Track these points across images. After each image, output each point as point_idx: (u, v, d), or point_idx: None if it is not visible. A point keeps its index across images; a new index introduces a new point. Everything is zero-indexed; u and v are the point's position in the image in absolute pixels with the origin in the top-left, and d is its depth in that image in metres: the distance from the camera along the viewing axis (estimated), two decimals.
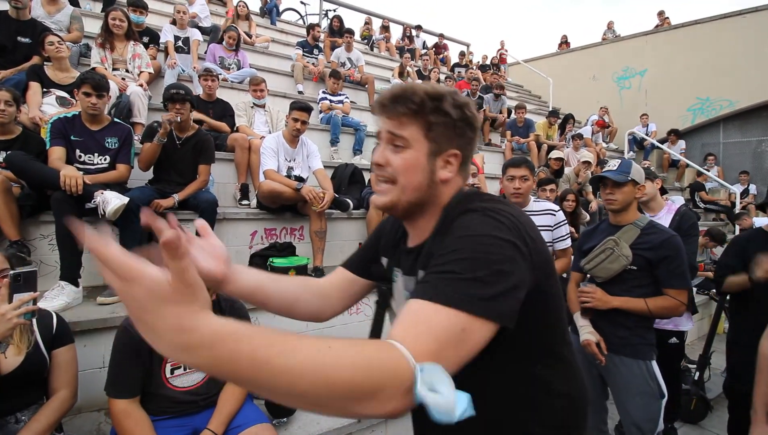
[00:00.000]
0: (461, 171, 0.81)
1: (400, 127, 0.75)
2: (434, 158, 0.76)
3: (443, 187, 0.78)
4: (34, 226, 2.45)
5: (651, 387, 1.80)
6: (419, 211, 0.80)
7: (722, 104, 8.37)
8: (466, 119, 0.77)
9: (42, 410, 1.50)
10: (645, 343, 1.84)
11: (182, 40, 5.00)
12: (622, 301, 1.80)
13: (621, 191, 1.85)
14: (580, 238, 2.13)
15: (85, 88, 2.50)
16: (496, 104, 7.35)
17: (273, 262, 2.84)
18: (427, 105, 0.74)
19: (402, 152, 0.76)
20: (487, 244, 0.64)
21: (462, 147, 0.78)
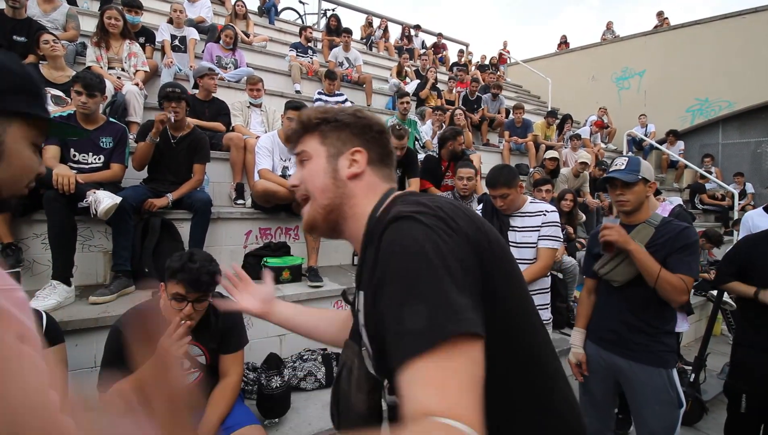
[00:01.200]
0: (375, 170, 0.80)
1: (300, 145, 0.83)
2: (335, 159, 0.79)
3: (355, 184, 0.78)
4: (27, 225, 2.44)
5: (670, 396, 1.72)
6: (339, 217, 0.78)
7: (721, 105, 8.37)
8: (359, 121, 0.81)
9: None
10: (666, 350, 1.74)
11: (179, 39, 4.99)
12: (638, 247, 1.67)
13: (632, 191, 1.76)
14: (590, 241, 2.03)
15: (76, 86, 2.49)
16: (494, 104, 7.35)
17: (267, 261, 2.84)
18: (313, 119, 0.81)
19: (307, 165, 0.81)
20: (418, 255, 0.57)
21: (366, 145, 0.80)
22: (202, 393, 1.70)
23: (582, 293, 2.04)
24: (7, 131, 0.61)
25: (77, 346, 2.01)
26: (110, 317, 2.07)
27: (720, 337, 4.57)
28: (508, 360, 0.66)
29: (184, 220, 2.83)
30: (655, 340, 1.74)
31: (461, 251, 0.60)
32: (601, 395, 1.92)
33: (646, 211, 1.81)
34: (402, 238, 0.60)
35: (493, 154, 6.48)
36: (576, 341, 1.97)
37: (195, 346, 1.71)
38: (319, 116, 0.80)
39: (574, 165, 5.31)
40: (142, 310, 1.65)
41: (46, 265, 2.40)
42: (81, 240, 2.47)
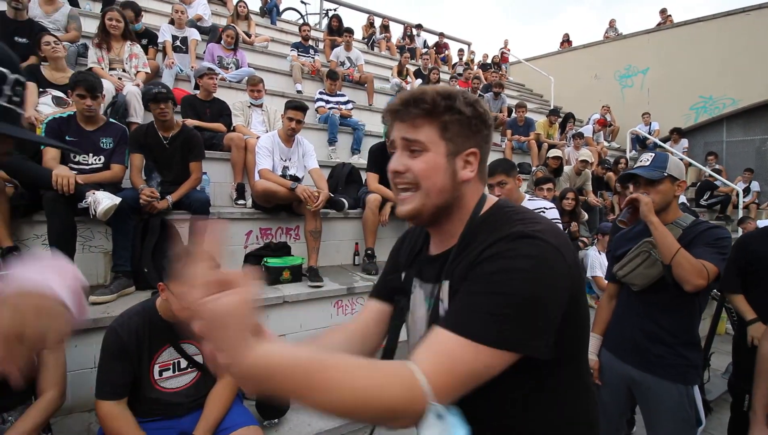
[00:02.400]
0: (480, 171, 0.79)
1: (414, 131, 0.74)
2: (453, 158, 0.75)
3: (465, 187, 0.77)
4: (28, 226, 2.45)
5: (688, 414, 1.57)
6: (445, 215, 0.78)
7: (725, 103, 8.29)
8: (480, 116, 0.76)
9: (29, 411, 1.49)
10: (687, 365, 1.60)
11: (180, 39, 5.00)
12: (659, 222, 1.55)
13: (656, 190, 1.60)
14: (614, 243, 1.90)
15: (80, 90, 2.50)
16: (496, 103, 7.32)
17: (267, 261, 2.83)
18: (440, 104, 0.73)
19: (420, 156, 0.74)
20: (527, 279, 0.63)
21: (479, 145, 0.77)
22: (201, 392, 1.70)
23: (603, 298, 1.93)
24: None
25: (77, 347, 2.01)
26: (110, 317, 2.07)
27: (725, 336, 4.52)
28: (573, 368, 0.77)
29: (184, 221, 2.83)
30: (675, 353, 1.60)
31: (563, 281, 0.66)
32: (613, 405, 1.82)
33: (675, 211, 1.67)
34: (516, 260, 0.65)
35: (495, 153, 6.45)
36: (591, 347, 1.85)
37: (192, 344, 1.71)
38: (446, 102, 0.73)
39: (575, 163, 5.28)
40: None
41: None
42: (81, 240, 2.48)
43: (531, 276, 0.63)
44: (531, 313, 0.62)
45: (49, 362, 1.58)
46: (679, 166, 1.66)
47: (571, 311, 0.68)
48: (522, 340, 0.61)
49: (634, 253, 1.66)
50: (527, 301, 0.62)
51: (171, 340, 1.67)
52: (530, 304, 0.62)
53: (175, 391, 1.67)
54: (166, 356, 1.67)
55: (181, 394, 1.68)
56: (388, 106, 0.79)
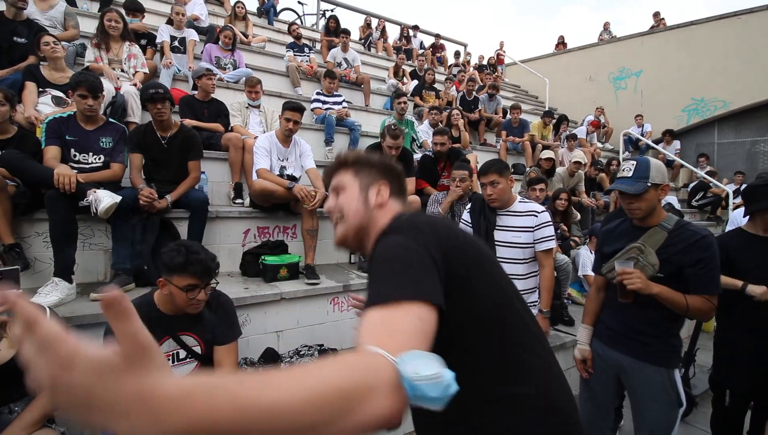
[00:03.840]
0: (396, 198, 1.01)
1: (335, 179, 1.03)
2: (366, 190, 0.98)
3: (379, 211, 0.97)
4: (29, 224, 2.49)
5: (670, 396, 1.70)
6: (365, 236, 0.97)
7: (717, 105, 8.42)
8: (384, 164, 1.02)
9: (34, 402, 1.54)
10: (669, 350, 1.73)
11: (178, 40, 5.03)
12: (662, 289, 1.59)
13: (642, 199, 1.66)
14: (601, 239, 1.97)
15: (81, 90, 2.53)
16: (491, 104, 7.40)
17: (265, 259, 2.88)
18: (350, 158, 1.02)
19: (341, 194, 1.00)
20: (394, 251, 0.76)
21: (389, 180, 1.01)
22: None
23: (591, 290, 2.02)
24: None
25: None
26: None
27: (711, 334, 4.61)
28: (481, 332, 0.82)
29: (183, 219, 2.88)
30: (661, 340, 1.72)
31: (428, 246, 0.77)
32: (602, 393, 1.92)
33: (659, 214, 1.73)
34: (381, 248, 0.79)
35: (490, 153, 6.52)
36: (582, 338, 1.96)
37: (190, 336, 1.77)
38: (354, 157, 1.03)
39: (569, 165, 5.36)
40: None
41: (47, 263, 2.45)
42: (82, 238, 2.52)
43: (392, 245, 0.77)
44: (406, 267, 0.71)
45: None
46: (661, 170, 1.69)
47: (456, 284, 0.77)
48: (418, 288, 0.67)
49: (622, 258, 1.71)
50: (398, 260, 0.73)
51: (170, 332, 1.73)
52: (401, 261, 0.73)
53: None
54: (165, 348, 1.73)
55: None
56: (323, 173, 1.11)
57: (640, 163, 1.69)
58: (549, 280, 2.33)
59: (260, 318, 2.57)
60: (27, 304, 0.38)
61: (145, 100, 2.87)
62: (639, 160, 1.71)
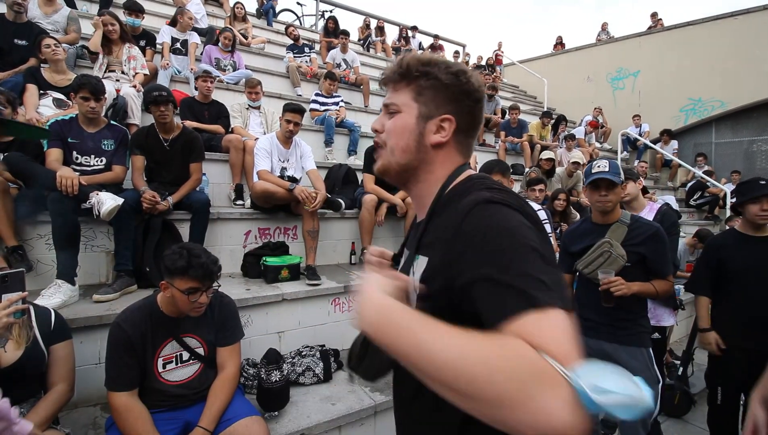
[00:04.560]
0: (458, 141, 0.80)
1: (392, 95, 0.80)
2: (424, 121, 0.77)
3: (436, 153, 0.79)
4: (31, 226, 2.50)
5: (651, 373, 1.89)
6: (412, 177, 0.81)
7: (714, 105, 8.47)
8: (460, 85, 0.77)
9: (40, 403, 1.56)
10: (644, 331, 1.95)
11: (180, 42, 5.04)
12: (639, 286, 1.86)
13: (614, 193, 1.92)
14: (565, 239, 2.17)
15: (84, 92, 2.55)
16: (490, 105, 7.43)
17: (266, 260, 2.90)
18: (414, 69, 0.77)
19: (394, 117, 0.80)
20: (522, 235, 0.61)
21: (456, 113, 0.78)
22: (203, 385, 1.77)
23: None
24: None
25: (82, 343, 2.06)
26: (113, 314, 2.12)
27: None
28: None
29: (184, 221, 2.89)
30: (635, 323, 1.94)
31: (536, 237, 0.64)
32: None
33: (617, 210, 1.98)
34: (497, 220, 0.63)
35: (489, 154, 6.55)
36: None
37: (193, 338, 1.78)
38: (421, 68, 0.77)
39: (567, 165, 5.39)
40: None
41: (50, 265, 2.46)
42: (84, 240, 2.53)
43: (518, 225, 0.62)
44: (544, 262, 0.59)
45: (59, 357, 1.64)
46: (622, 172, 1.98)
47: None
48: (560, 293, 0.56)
49: (595, 253, 1.92)
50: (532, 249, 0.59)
51: (173, 333, 1.74)
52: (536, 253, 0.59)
53: (178, 383, 1.74)
54: (169, 349, 1.74)
55: (185, 386, 1.75)
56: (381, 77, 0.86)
57: (611, 162, 1.96)
58: None
59: (262, 319, 2.59)
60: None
61: (149, 103, 2.88)
62: (609, 160, 1.98)
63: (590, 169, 1.98)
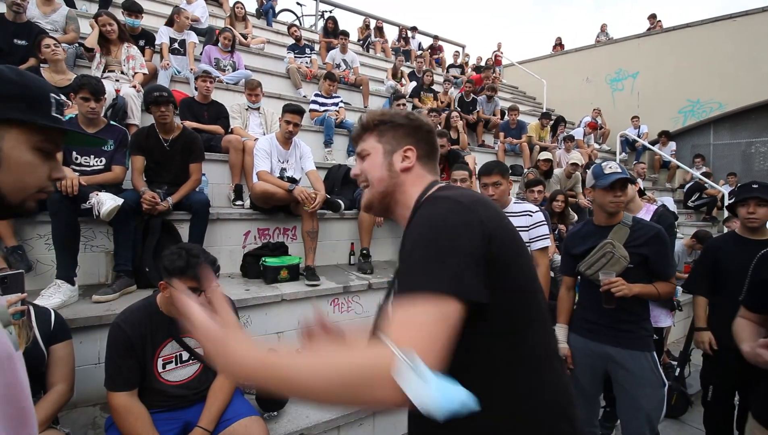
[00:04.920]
0: (422, 164, 0.95)
1: (361, 144, 0.99)
2: (390, 155, 0.94)
3: (406, 176, 0.93)
4: (31, 226, 2.50)
5: (656, 377, 1.87)
6: (391, 201, 0.95)
7: (712, 106, 8.49)
8: (412, 123, 0.95)
9: (39, 403, 1.56)
10: (647, 335, 1.93)
11: (178, 42, 5.04)
12: (641, 287, 1.84)
13: (626, 193, 1.92)
14: (567, 242, 2.16)
15: (83, 93, 2.55)
16: (489, 106, 7.44)
17: (265, 261, 2.91)
18: (372, 120, 0.96)
19: (366, 159, 0.97)
20: (439, 226, 0.73)
21: (415, 143, 0.94)
22: (203, 385, 1.78)
23: (562, 291, 2.18)
24: (5, 138, 0.63)
25: (81, 343, 2.07)
26: (113, 315, 2.13)
27: None
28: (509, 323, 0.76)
29: (184, 221, 2.90)
30: (639, 326, 1.91)
31: (474, 227, 0.73)
32: (589, 385, 2.05)
33: (621, 212, 1.98)
34: (429, 212, 0.78)
35: (488, 155, 6.57)
36: (561, 336, 2.09)
37: (193, 338, 1.78)
38: (377, 118, 0.96)
39: (566, 166, 5.41)
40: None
41: (49, 265, 2.47)
42: (83, 240, 2.54)
43: (439, 222, 0.73)
44: (447, 252, 0.69)
45: (58, 357, 1.65)
46: None
47: (497, 271, 0.72)
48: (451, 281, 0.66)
49: (598, 254, 1.91)
50: (439, 240, 0.70)
51: (173, 334, 1.75)
52: (442, 242, 0.70)
53: (178, 383, 1.75)
54: (169, 350, 1.75)
55: (185, 387, 1.76)
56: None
57: (619, 163, 1.97)
58: (544, 278, 2.39)
59: (261, 319, 2.60)
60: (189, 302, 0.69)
61: (149, 103, 2.88)
62: (617, 162, 2.01)
63: (601, 171, 1.94)
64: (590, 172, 2.02)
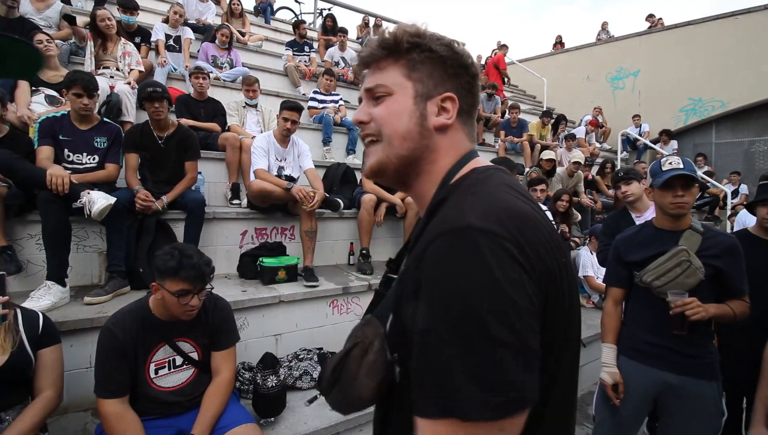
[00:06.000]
0: (462, 123, 0.67)
1: (378, 75, 0.66)
2: (424, 101, 0.64)
3: (441, 138, 0.65)
4: (21, 226, 2.43)
5: (718, 408, 1.63)
6: (413, 172, 0.67)
7: (714, 105, 8.44)
8: (458, 58, 0.65)
9: (26, 410, 1.49)
10: (714, 361, 1.66)
11: (174, 38, 4.97)
12: (717, 308, 1.58)
13: (691, 193, 1.64)
14: (620, 248, 1.84)
15: (76, 89, 2.49)
16: (490, 104, 7.38)
17: (263, 261, 2.84)
18: (404, 40, 0.64)
19: (384, 101, 0.65)
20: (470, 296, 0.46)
21: (458, 91, 0.65)
22: (197, 391, 1.71)
23: (608, 305, 1.87)
24: None
25: (72, 347, 2.01)
26: (105, 317, 2.06)
27: None
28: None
29: (179, 220, 2.83)
30: (705, 350, 1.65)
31: (528, 293, 0.48)
32: (631, 416, 1.75)
33: (689, 216, 1.71)
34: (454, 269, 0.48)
35: (488, 153, 6.50)
36: (609, 359, 1.79)
37: (187, 342, 1.73)
38: (412, 39, 0.64)
39: (568, 165, 5.35)
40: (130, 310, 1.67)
41: (40, 266, 2.40)
42: (75, 240, 2.47)
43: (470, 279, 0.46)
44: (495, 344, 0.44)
45: (46, 362, 1.58)
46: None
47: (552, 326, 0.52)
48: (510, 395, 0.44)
49: (671, 263, 1.62)
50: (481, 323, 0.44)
51: (165, 338, 1.69)
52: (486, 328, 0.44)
53: (171, 389, 1.69)
54: (161, 354, 1.68)
55: (178, 393, 1.69)
56: (358, 57, 0.70)
57: (684, 159, 1.69)
58: None
59: (258, 321, 2.53)
60: None
61: (143, 99, 2.81)
62: (682, 157, 1.71)
63: (659, 168, 1.70)
64: (649, 170, 1.79)
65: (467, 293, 0.46)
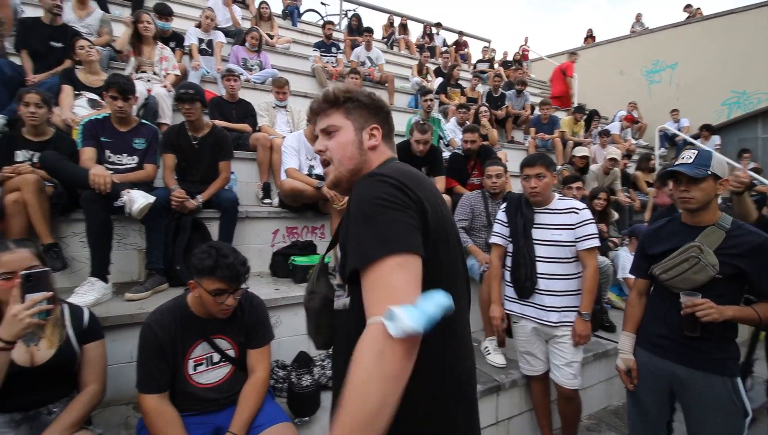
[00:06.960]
0: (385, 142, 1.01)
1: (326, 120, 0.99)
2: (360, 132, 0.97)
3: (372, 154, 0.98)
4: (66, 224, 2.52)
5: (735, 405, 1.59)
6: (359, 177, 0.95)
7: (760, 97, 7.94)
8: (375, 103, 1.00)
9: (72, 403, 1.53)
10: (728, 357, 1.63)
11: (206, 42, 5.08)
12: (735, 311, 1.55)
13: (699, 188, 1.58)
14: (644, 240, 1.87)
15: (112, 92, 2.56)
16: (519, 101, 7.19)
17: (295, 260, 2.85)
18: (340, 96, 0.97)
19: (335, 136, 0.98)
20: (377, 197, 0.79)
21: (380, 122, 1.00)
22: (235, 388, 1.71)
23: (632, 295, 1.92)
24: None
25: (114, 342, 2.05)
26: (145, 313, 2.10)
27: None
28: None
29: (213, 219, 2.87)
30: (716, 347, 1.63)
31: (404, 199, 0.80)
32: (654, 406, 1.79)
33: (714, 211, 1.64)
34: (363, 189, 0.82)
35: (518, 151, 6.35)
36: (626, 347, 1.87)
37: (224, 339, 1.73)
38: (345, 95, 0.97)
39: (603, 162, 5.14)
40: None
41: (84, 263, 2.48)
42: (116, 238, 2.54)
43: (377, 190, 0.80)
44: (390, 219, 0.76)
45: (91, 357, 1.61)
46: (723, 164, 1.63)
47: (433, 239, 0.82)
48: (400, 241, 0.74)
49: (680, 258, 1.62)
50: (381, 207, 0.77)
51: (203, 335, 1.69)
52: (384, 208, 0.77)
53: (209, 386, 1.69)
54: (200, 351, 1.69)
55: (216, 390, 1.70)
56: (309, 108, 1.04)
57: (702, 152, 1.65)
58: (591, 281, 2.18)
59: (291, 319, 2.53)
60: None
61: (176, 100, 2.88)
62: (701, 149, 1.66)
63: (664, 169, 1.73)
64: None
65: (368, 196, 0.80)
